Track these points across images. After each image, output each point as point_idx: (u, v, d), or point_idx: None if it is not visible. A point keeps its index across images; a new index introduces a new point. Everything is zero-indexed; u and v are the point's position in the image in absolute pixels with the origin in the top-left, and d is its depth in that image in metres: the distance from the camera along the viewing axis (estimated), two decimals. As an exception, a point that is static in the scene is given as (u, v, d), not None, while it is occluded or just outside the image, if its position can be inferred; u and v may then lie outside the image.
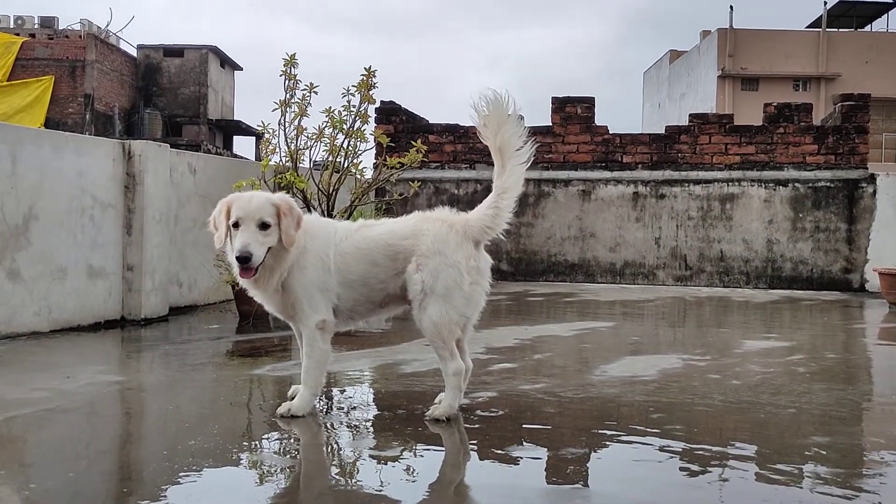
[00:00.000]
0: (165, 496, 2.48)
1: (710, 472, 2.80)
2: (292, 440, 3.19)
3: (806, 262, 10.13)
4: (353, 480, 2.75)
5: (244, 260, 3.21)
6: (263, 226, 3.27)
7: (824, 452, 3.04)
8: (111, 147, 6.08)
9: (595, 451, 3.06)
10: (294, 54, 7.33)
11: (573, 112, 10.82)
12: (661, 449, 3.06)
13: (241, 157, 25.20)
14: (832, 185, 10.12)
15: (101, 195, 5.89)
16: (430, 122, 11.37)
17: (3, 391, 3.84)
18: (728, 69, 33.02)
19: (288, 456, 3.00)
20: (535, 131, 10.93)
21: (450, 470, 2.82)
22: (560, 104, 10.89)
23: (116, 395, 3.95)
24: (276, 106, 7.33)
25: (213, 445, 3.05)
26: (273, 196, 3.39)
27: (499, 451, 3.00)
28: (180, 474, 2.69)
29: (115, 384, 4.19)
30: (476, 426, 3.33)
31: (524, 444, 3.08)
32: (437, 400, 3.51)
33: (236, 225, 3.28)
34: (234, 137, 35.30)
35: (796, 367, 4.84)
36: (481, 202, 3.53)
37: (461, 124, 11.13)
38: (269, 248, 3.29)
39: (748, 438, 3.26)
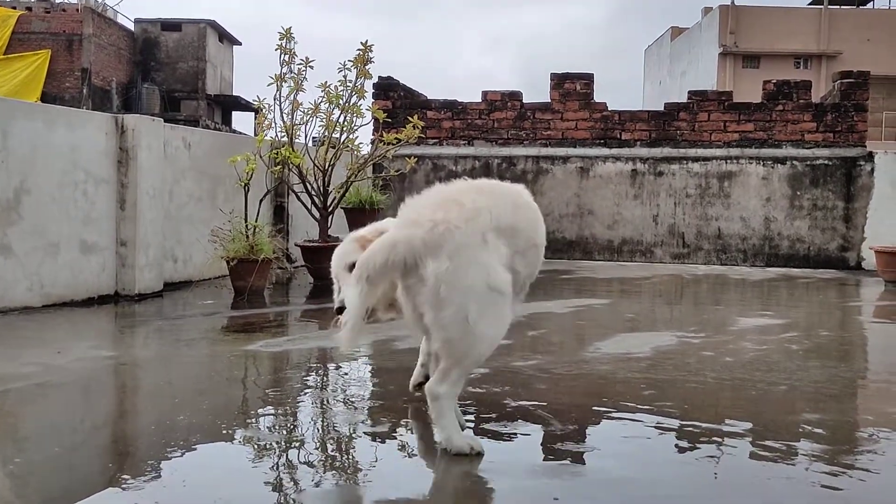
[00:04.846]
0: (157, 471, 2.48)
1: (700, 448, 2.80)
2: (287, 416, 3.18)
3: (803, 240, 10.11)
4: (349, 456, 2.75)
5: None
6: None
7: (815, 429, 3.04)
8: (104, 121, 6.03)
9: (587, 428, 3.06)
10: (290, 28, 7.28)
11: (572, 88, 10.75)
12: (653, 426, 3.05)
13: (241, 133, 25.05)
14: (830, 163, 10.07)
15: (93, 170, 5.85)
16: (428, 98, 11.30)
17: (-5, 365, 3.84)
18: (729, 46, 32.81)
19: (282, 431, 3.00)
20: (533, 107, 10.98)
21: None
22: (559, 80, 10.81)
23: (108, 370, 3.95)
24: (272, 80, 7.28)
25: (207, 421, 3.04)
26: None
27: (493, 428, 2.99)
28: (172, 449, 2.68)
29: (107, 359, 4.18)
30: (469, 402, 3.32)
31: (518, 420, 3.07)
32: None
33: None
34: (233, 113, 35.11)
35: (790, 344, 4.84)
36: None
37: (459, 100, 11.06)
38: None
39: (740, 415, 3.26)
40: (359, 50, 7.44)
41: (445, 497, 2.44)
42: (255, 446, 2.80)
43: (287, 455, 2.72)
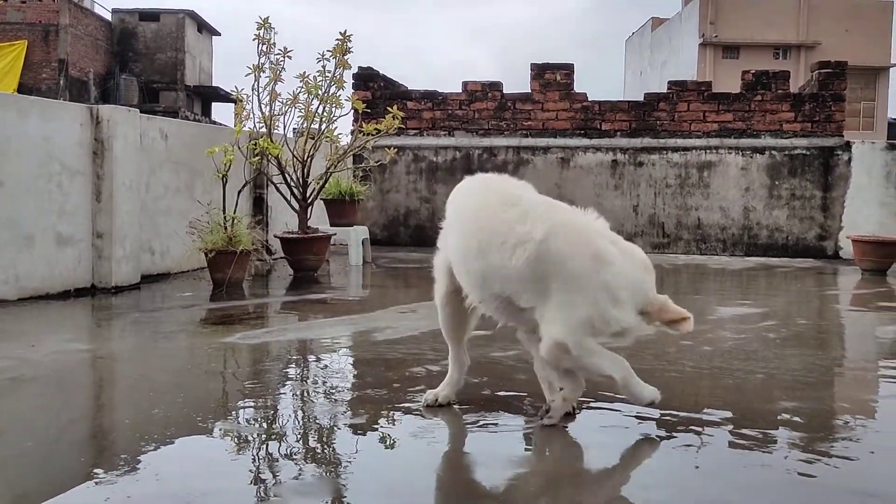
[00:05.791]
0: (130, 465, 2.45)
1: (677, 437, 2.81)
2: (265, 408, 3.16)
3: (781, 230, 10.18)
4: (330, 449, 2.73)
5: None
6: None
7: (792, 417, 3.06)
8: (78, 112, 5.95)
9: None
10: (267, 18, 7.21)
11: (552, 79, 10.74)
12: (632, 415, 3.06)
13: (221, 124, 24.84)
14: (808, 153, 10.14)
15: (68, 161, 5.78)
16: (408, 88, 11.25)
17: (-33, 360, 3.78)
18: (709, 37, 32.92)
19: (260, 424, 2.98)
20: (514, 98, 10.95)
21: (426, 437, 2.80)
22: (539, 71, 10.79)
23: (84, 364, 3.90)
24: (250, 71, 7.22)
25: (183, 414, 3.02)
26: None
27: (473, 418, 2.99)
28: (147, 443, 2.65)
29: (82, 352, 4.14)
30: (446, 393, 3.31)
31: (498, 411, 3.06)
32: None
33: None
34: (213, 104, 34.81)
35: (768, 333, 4.87)
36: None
37: (440, 91, 11.02)
38: None
39: (718, 404, 3.27)
40: (337, 40, 7.39)
41: (426, 488, 2.42)
42: (233, 439, 2.78)
43: (264, 447, 2.70)
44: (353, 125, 8.14)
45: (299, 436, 2.85)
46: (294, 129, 8.06)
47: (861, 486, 2.42)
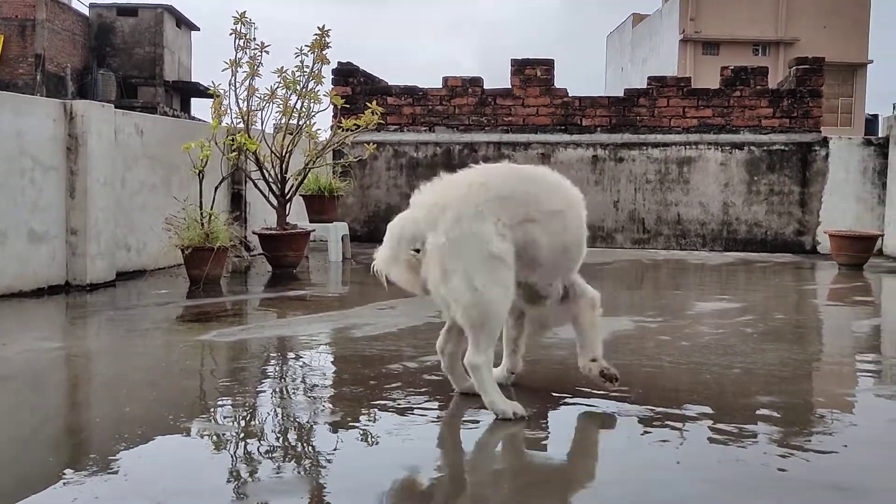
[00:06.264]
0: (100, 465, 2.41)
1: (652, 432, 2.80)
2: (242, 407, 3.12)
3: (760, 225, 10.24)
4: (306, 447, 2.70)
5: None
6: None
7: (768, 412, 3.06)
8: (52, 107, 5.87)
9: (546, 413, 3.04)
10: (244, 12, 7.14)
11: (532, 74, 10.73)
12: (606, 411, 3.05)
13: (200, 120, 24.64)
14: (786, 149, 10.20)
15: (42, 157, 5.70)
16: (388, 84, 11.21)
17: (-64, 359, 3.72)
18: (689, 33, 33.08)
19: (238, 422, 2.94)
20: (494, 93, 10.93)
21: (402, 434, 2.78)
22: (519, 66, 10.78)
23: (56, 362, 3.85)
24: (227, 66, 7.15)
25: (157, 412, 2.98)
26: None
27: (451, 415, 2.97)
28: (118, 443, 2.61)
29: (55, 350, 4.07)
30: (426, 390, 3.30)
31: (475, 408, 3.05)
32: None
33: None
34: (193, 100, 34.54)
35: (746, 327, 4.88)
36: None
37: (420, 86, 10.99)
38: None
39: (695, 399, 3.27)
40: (315, 35, 7.34)
41: (403, 485, 2.40)
42: (208, 437, 2.74)
43: (240, 446, 2.67)
44: (332, 121, 8.09)
45: (276, 434, 2.82)
46: (274, 125, 8.01)
47: (834, 479, 2.42)
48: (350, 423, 2.88)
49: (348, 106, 8.97)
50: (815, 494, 2.31)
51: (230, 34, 7.06)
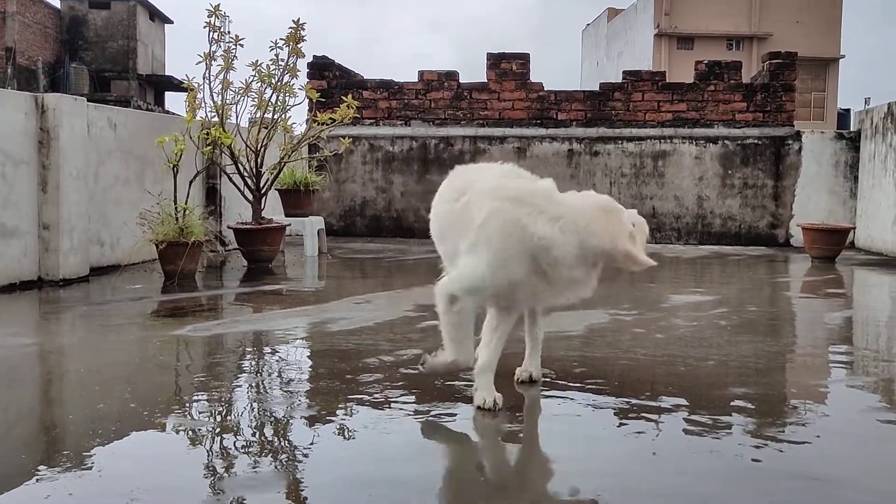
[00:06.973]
0: (74, 462, 2.39)
1: (628, 424, 2.82)
2: (218, 402, 3.10)
3: (734, 218, 10.33)
4: (283, 441, 2.69)
5: None
6: None
7: (742, 403, 3.09)
8: (22, 100, 5.78)
9: (521, 406, 3.06)
10: (218, 5, 7.08)
11: (508, 68, 10.74)
12: (582, 403, 3.07)
13: (174, 114, 24.35)
14: (760, 143, 10.29)
15: (12, 151, 5.61)
16: (364, 77, 11.16)
17: None
18: (664, 28, 33.24)
19: (214, 418, 2.92)
20: (470, 87, 10.90)
21: (380, 428, 2.77)
22: (495, 60, 10.78)
23: (29, 358, 3.80)
24: (201, 59, 7.09)
25: (131, 408, 2.95)
26: None
27: (426, 409, 2.97)
28: (93, 439, 2.59)
29: (28, 346, 4.02)
30: (402, 384, 3.29)
31: (452, 401, 3.05)
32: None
33: None
34: (167, 93, 34.18)
35: (720, 320, 4.93)
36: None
37: (396, 80, 10.95)
38: None
39: (670, 391, 3.30)
40: (291, 28, 7.29)
41: (383, 478, 2.40)
42: (182, 433, 2.72)
43: (216, 441, 2.65)
44: (307, 115, 8.05)
45: (252, 428, 2.81)
46: (249, 118, 7.95)
47: (806, 469, 2.45)
48: (327, 418, 2.87)
49: (324, 100, 8.94)
50: (789, 484, 2.34)
51: (204, 27, 7.00)
